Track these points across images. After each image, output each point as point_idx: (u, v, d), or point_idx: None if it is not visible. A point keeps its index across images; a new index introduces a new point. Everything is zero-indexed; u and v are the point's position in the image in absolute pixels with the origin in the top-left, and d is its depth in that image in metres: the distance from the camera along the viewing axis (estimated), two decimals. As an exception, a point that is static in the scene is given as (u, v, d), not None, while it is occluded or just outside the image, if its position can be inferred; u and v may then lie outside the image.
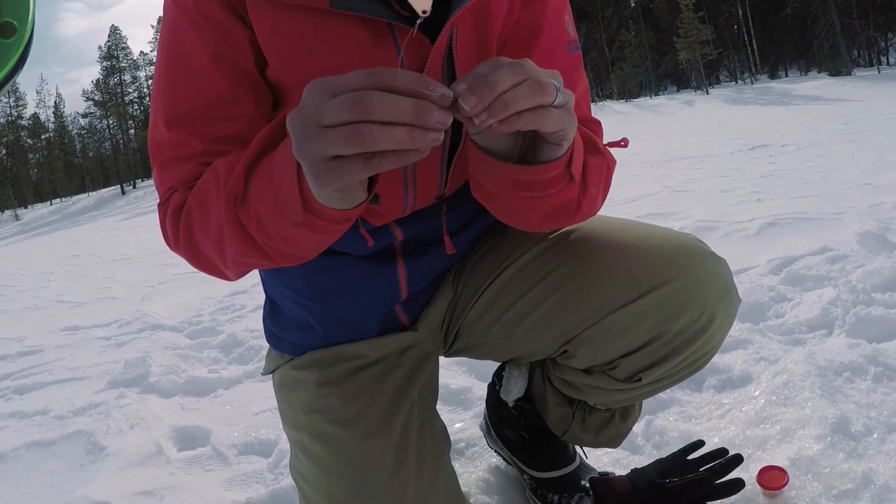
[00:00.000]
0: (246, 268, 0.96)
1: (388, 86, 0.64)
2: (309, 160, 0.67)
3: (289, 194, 0.77)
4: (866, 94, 24.84)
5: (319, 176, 0.68)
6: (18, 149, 78.48)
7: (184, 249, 0.98)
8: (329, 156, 0.65)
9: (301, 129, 0.67)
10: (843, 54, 47.35)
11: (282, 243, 0.85)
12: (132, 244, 10.76)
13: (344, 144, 0.64)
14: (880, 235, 2.98)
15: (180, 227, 0.96)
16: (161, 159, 0.99)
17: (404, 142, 0.63)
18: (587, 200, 0.98)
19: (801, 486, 1.30)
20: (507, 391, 1.37)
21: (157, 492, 1.69)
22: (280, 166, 0.79)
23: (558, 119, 0.74)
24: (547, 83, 0.71)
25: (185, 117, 0.95)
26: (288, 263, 0.93)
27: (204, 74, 0.94)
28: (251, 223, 0.85)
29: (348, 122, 0.63)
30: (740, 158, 8.11)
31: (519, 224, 1.04)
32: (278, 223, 0.82)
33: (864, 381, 1.66)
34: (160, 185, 1.01)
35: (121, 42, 72.40)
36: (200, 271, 1.02)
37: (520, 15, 1.02)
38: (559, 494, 1.36)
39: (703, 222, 3.98)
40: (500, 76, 0.68)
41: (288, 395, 1.21)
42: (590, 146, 0.98)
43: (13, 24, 0.73)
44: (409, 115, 0.63)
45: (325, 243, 0.89)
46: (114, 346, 3.42)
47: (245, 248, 0.88)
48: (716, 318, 1.05)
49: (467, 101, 0.66)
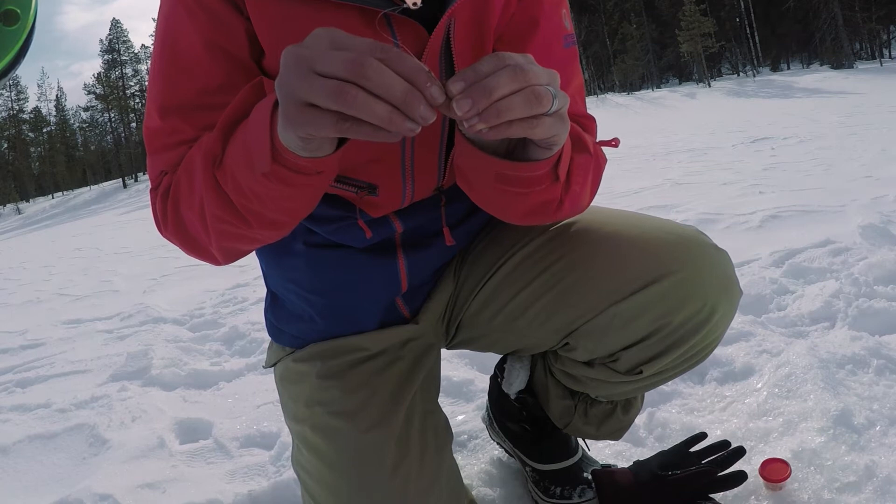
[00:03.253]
0: (228, 240, 0.93)
1: (391, 64, 0.63)
2: (287, 98, 0.67)
3: (259, 143, 0.76)
4: (868, 86, 24.76)
5: (290, 117, 0.67)
6: (20, 142, 78.49)
7: (171, 229, 0.97)
8: (307, 101, 0.65)
9: (293, 66, 0.66)
10: (845, 47, 47.27)
11: (256, 202, 0.84)
12: (134, 237, 10.76)
13: (325, 96, 0.63)
14: (882, 228, 2.97)
15: (168, 205, 0.95)
16: (154, 147, 0.98)
17: (382, 119, 0.63)
18: (570, 199, 0.97)
19: (804, 479, 1.30)
20: (508, 383, 1.37)
21: (159, 484, 1.69)
22: (254, 119, 0.78)
23: (549, 127, 0.73)
24: (544, 93, 0.69)
25: (178, 106, 0.95)
26: (268, 233, 0.92)
27: (198, 63, 0.94)
28: (227, 183, 0.84)
29: (339, 77, 0.63)
30: (742, 151, 8.10)
31: (500, 216, 1.04)
32: (249, 176, 0.80)
33: (867, 374, 1.66)
34: (152, 171, 1.01)
35: (122, 35, 72.37)
36: (189, 255, 1.01)
37: (517, 8, 1.02)
38: (561, 487, 1.36)
39: (705, 215, 3.98)
40: (499, 81, 0.66)
41: (289, 388, 1.21)
42: (578, 144, 0.97)
43: (16, 11, 0.73)
44: (397, 97, 0.63)
45: (299, 203, 0.87)
46: (116, 339, 3.42)
47: (222, 211, 0.87)
48: (717, 311, 1.05)
49: (461, 105, 0.65)
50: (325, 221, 1.09)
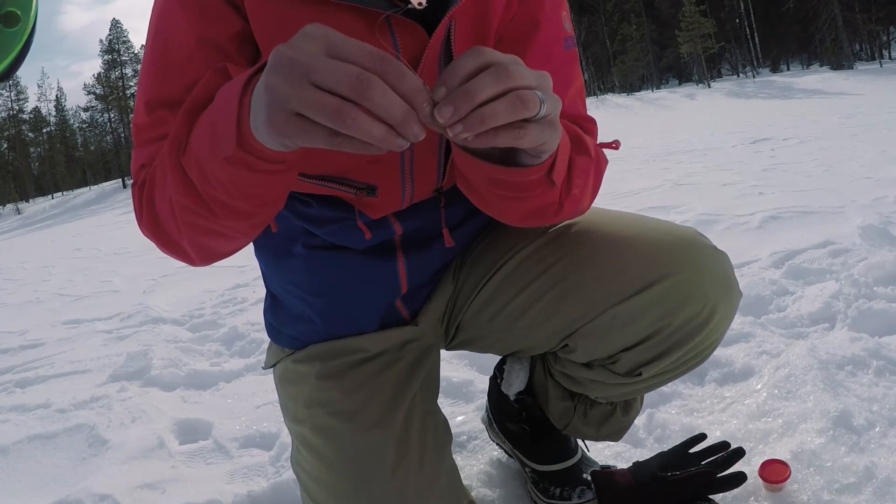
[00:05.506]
0: (197, 233, 0.89)
1: (391, 80, 0.61)
2: (276, 105, 0.63)
3: (225, 127, 0.73)
4: (868, 87, 24.76)
5: (276, 124, 0.63)
6: (20, 143, 78.47)
7: (146, 223, 0.95)
8: (299, 112, 0.62)
9: (286, 71, 0.62)
10: (844, 48, 47.27)
11: (221, 191, 0.80)
12: (134, 237, 10.74)
13: (322, 113, 0.60)
14: (882, 229, 2.97)
15: (144, 198, 0.93)
16: (139, 140, 0.97)
17: (377, 139, 0.61)
18: (570, 202, 0.96)
19: (803, 480, 1.30)
20: (508, 384, 1.37)
21: (158, 485, 1.69)
22: (220, 104, 0.75)
23: (537, 135, 0.70)
24: (530, 97, 0.66)
25: (166, 100, 0.93)
26: (236, 224, 0.88)
27: (187, 58, 0.92)
28: (192, 169, 0.81)
29: (340, 94, 0.60)
30: (742, 152, 8.09)
31: (499, 218, 1.04)
32: (212, 161, 0.77)
33: (866, 375, 1.66)
34: (134, 165, 0.98)
35: (122, 36, 72.35)
36: (164, 252, 0.98)
37: (518, 10, 1.01)
38: (561, 487, 1.36)
39: (704, 216, 3.98)
40: (481, 85, 0.64)
41: (289, 389, 1.21)
42: (578, 146, 0.96)
43: (17, 13, 0.73)
44: (396, 119, 0.60)
45: (263, 191, 0.83)
46: (115, 340, 3.42)
47: (188, 199, 0.83)
48: (717, 313, 1.05)
49: (443, 112, 0.63)
50: (325, 223, 1.09)
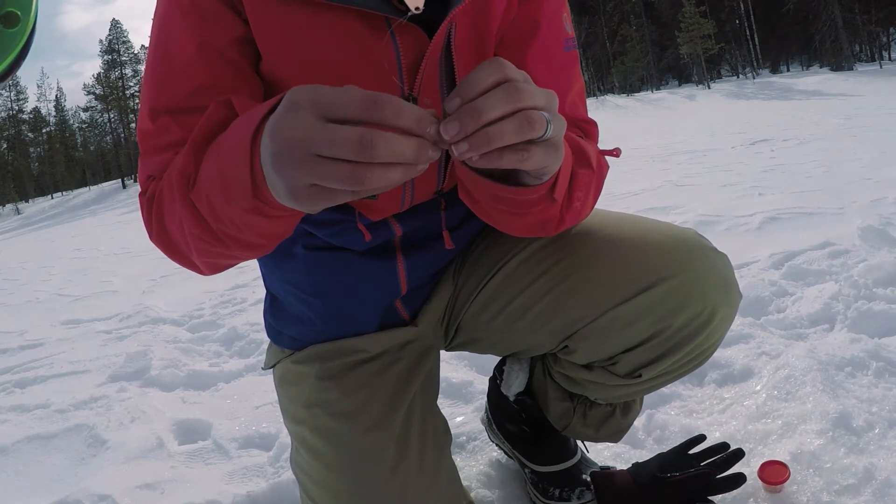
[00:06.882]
0: (209, 257, 0.90)
1: (391, 122, 0.60)
2: (292, 183, 0.63)
3: (237, 178, 0.73)
4: (868, 88, 24.79)
5: (300, 198, 0.63)
6: (19, 143, 78.50)
7: (157, 236, 0.96)
8: (316, 183, 0.62)
9: (286, 152, 0.62)
10: (844, 49, 47.29)
11: (233, 229, 0.81)
12: (133, 238, 10.75)
13: (341, 183, 0.60)
14: (882, 230, 2.97)
15: (153, 213, 0.93)
16: (144, 148, 0.97)
17: (398, 181, 0.61)
18: (571, 215, 0.97)
19: (803, 481, 1.30)
20: (507, 385, 1.37)
21: (158, 485, 1.69)
22: (230, 151, 0.75)
23: (541, 158, 0.69)
24: (537, 118, 0.65)
25: (169, 107, 0.93)
26: (247, 253, 0.89)
27: (189, 64, 0.92)
28: (202, 206, 0.81)
29: (348, 160, 0.59)
30: (742, 153, 8.10)
31: (501, 229, 1.04)
32: (225, 205, 0.78)
33: (866, 376, 1.66)
34: (141, 175, 0.99)
35: (122, 36, 72.38)
36: (176, 263, 0.99)
37: (518, 12, 1.01)
38: (560, 488, 1.36)
39: (704, 217, 3.98)
40: (489, 103, 0.63)
41: (288, 390, 1.21)
42: (580, 159, 0.95)
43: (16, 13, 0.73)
44: (409, 158, 0.60)
45: (277, 232, 0.85)
46: (115, 340, 3.42)
47: (200, 231, 0.84)
48: (717, 314, 1.05)
49: (448, 129, 0.62)
50: (325, 224, 1.09)
